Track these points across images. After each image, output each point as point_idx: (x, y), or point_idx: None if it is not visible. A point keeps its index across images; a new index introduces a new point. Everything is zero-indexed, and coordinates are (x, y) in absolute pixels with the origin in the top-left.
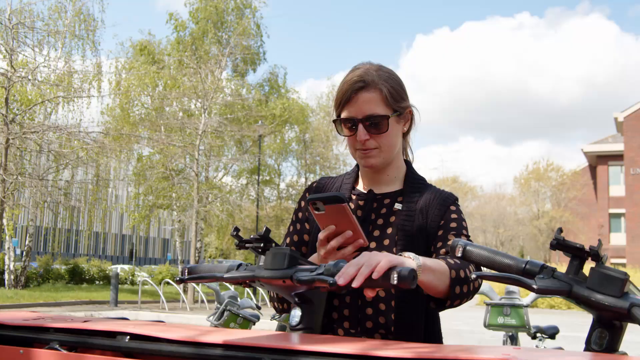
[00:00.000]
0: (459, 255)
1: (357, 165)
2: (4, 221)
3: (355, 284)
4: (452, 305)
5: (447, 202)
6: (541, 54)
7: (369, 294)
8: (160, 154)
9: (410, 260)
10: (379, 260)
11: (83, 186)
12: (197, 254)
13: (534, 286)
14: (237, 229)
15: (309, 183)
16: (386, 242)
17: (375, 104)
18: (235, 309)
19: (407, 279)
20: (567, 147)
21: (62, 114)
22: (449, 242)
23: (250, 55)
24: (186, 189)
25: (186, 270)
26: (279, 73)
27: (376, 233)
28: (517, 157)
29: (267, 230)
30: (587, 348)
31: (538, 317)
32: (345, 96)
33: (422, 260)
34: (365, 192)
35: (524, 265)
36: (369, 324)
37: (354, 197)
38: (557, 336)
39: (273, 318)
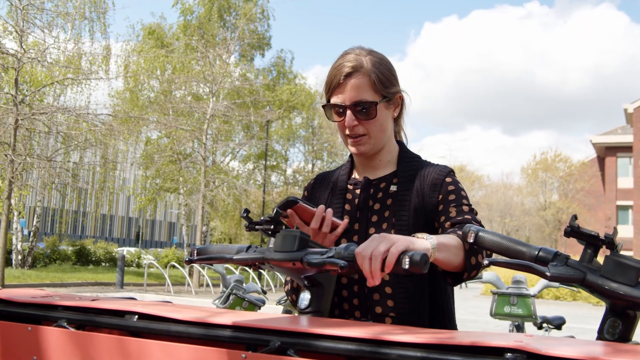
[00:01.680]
0: (471, 241)
1: (351, 155)
2: (12, 202)
3: (377, 282)
4: (470, 277)
5: (440, 175)
6: (550, 43)
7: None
8: (168, 137)
9: (423, 240)
10: (388, 247)
11: (91, 168)
12: (203, 238)
13: (548, 273)
14: (247, 211)
15: (316, 170)
16: (384, 225)
17: (364, 90)
18: (241, 292)
19: (419, 264)
20: (575, 138)
21: (71, 95)
22: (459, 231)
23: (258, 39)
24: (193, 173)
25: (195, 251)
26: (287, 58)
27: (374, 218)
28: (524, 147)
29: (278, 213)
30: (600, 337)
31: (543, 308)
32: (334, 82)
33: (436, 238)
34: (360, 179)
35: (537, 253)
36: (378, 310)
37: (350, 186)
38: (563, 327)
39: (279, 302)
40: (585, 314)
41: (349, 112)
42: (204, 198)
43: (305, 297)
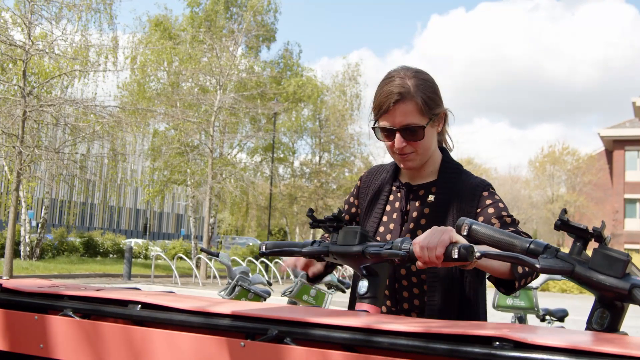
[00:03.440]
0: (465, 233)
1: None
2: (21, 193)
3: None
4: (521, 286)
5: (476, 190)
6: (557, 36)
7: (420, 265)
8: (176, 129)
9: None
10: (443, 238)
11: (99, 160)
12: (210, 230)
13: (537, 265)
14: (311, 210)
15: (323, 162)
16: (419, 232)
17: (412, 115)
18: (246, 284)
19: (465, 255)
20: (583, 131)
21: (79, 87)
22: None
23: (264, 31)
24: (201, 165)
25: (264, 246)
26: (294, 50)
27: (411, 225)
28: (531, 140)
29: (340, 212)
30: (588, 327)
31: (549, 301)
32: (383, 108)
33: (483, 247)
34: (404, 182)
35: (528, 245)
36: (405, 306)
37: (394, 188)
38: (566, 319)
39: (283, 294)
40: (590, 306)
41: (398, 135)
42: (212, 190)
43: (363, 285)
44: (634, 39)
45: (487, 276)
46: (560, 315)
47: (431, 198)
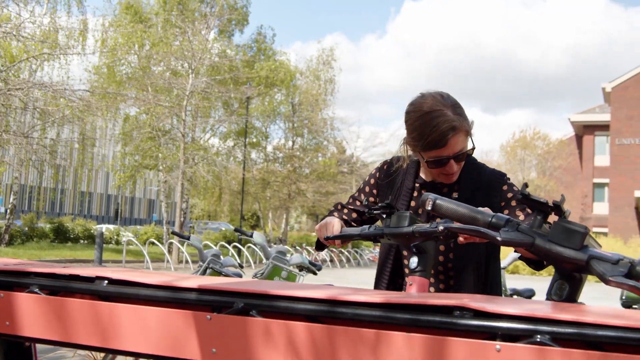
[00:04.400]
0: (429, 208)
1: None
2: None
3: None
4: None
5: (497, 184)
6: (530, 22)
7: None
8: (147, 114)
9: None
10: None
11: (69, 145)
12: (182, 215)
13: (499, 238)
14: (367, 200)
15: (296, 147)
16: None
17: (463, 142)
18: (217, 266)
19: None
20: (554, 117)
21: (47, 71)
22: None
23: (237, 15)
24: (172, 149)
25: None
26: (267, 34)
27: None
28: (503, 126)
29: (392, 200)
30: (548, 298)
31: (518, 283)
32: (440, 144)
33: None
34: (428, 181)
35: (490, 219)
36: (430, 289)
37: (417, 185)
38: (533, 299)
39: (255, 276)
40: None
41: (452, 162)
42: (184, 175)
43: (414, 261)
44: (604, 26)
45: (518, 256)
46: (528, 295)
47: (455, 195)
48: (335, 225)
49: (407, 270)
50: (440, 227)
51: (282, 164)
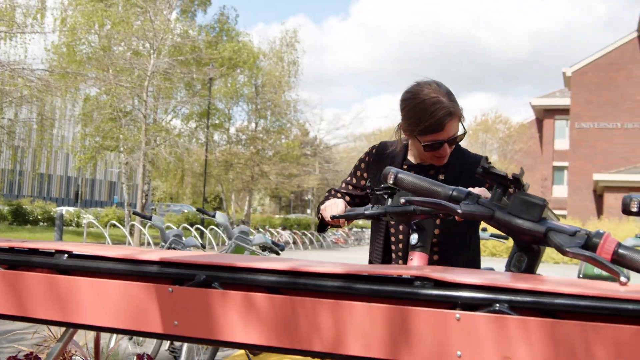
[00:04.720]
0: (391, 182)
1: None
2: None
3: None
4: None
5: (477, 167)
6: (494, 7)
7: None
8: (108, 94)
9: None
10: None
11: (27, 125)
12: (144, 197)
13: (459, 210)
14: (359, 183)
15: (259, 128)
16: None
17: (456, 127)
18: (180, 247)
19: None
20: (515, 100)
21: (5, 49)
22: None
23: None
24: (134, 131)
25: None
26: (230, 15)
27: None
28: (465, 109)
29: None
30: (507, 270)
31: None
32: (439, 128)
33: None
34: (415, 163)
35: (451, 192)
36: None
37: (405, 167)
38: None
39: None
40: None
41: (446, 145)
42: (145, 156)
43: (414, 237)
44: (565, 12)
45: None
46: None
47: (442, 177)
48: (340, 205)
49: (393, 247)
50: (402, 200)
51: (245, 146)
